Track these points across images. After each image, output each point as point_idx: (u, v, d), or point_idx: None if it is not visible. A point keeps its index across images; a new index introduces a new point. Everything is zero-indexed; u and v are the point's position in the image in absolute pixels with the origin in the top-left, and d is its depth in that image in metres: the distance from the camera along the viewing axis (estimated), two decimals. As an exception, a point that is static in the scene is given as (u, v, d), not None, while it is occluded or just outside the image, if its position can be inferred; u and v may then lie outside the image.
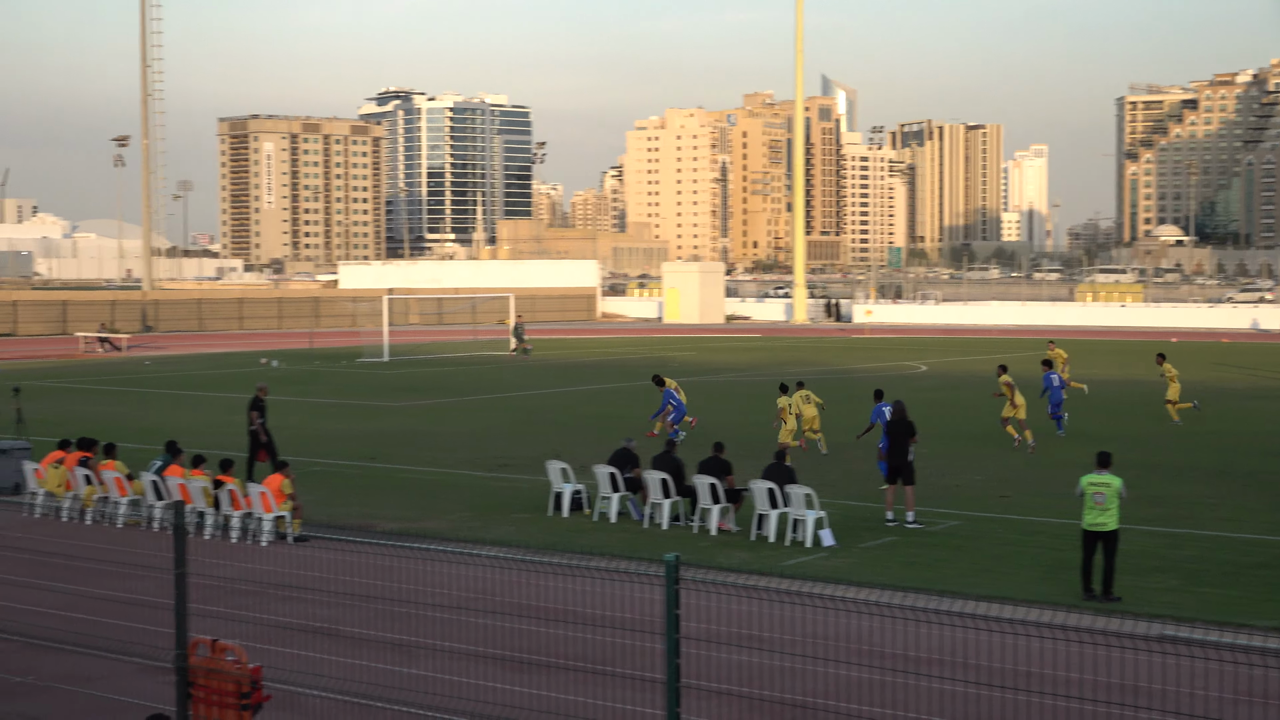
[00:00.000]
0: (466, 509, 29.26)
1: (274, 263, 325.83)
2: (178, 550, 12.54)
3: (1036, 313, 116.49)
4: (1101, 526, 21.01)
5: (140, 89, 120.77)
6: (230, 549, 24.93)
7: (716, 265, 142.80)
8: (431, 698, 15.44)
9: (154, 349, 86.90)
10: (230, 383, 61.40)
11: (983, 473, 33.82)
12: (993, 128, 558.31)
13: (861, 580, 21.16)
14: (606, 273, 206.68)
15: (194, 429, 42.51)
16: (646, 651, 16.59)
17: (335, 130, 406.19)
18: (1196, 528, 26.64)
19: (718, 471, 26.80)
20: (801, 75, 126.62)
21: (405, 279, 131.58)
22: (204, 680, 12.44)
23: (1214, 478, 32.72)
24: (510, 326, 79.43)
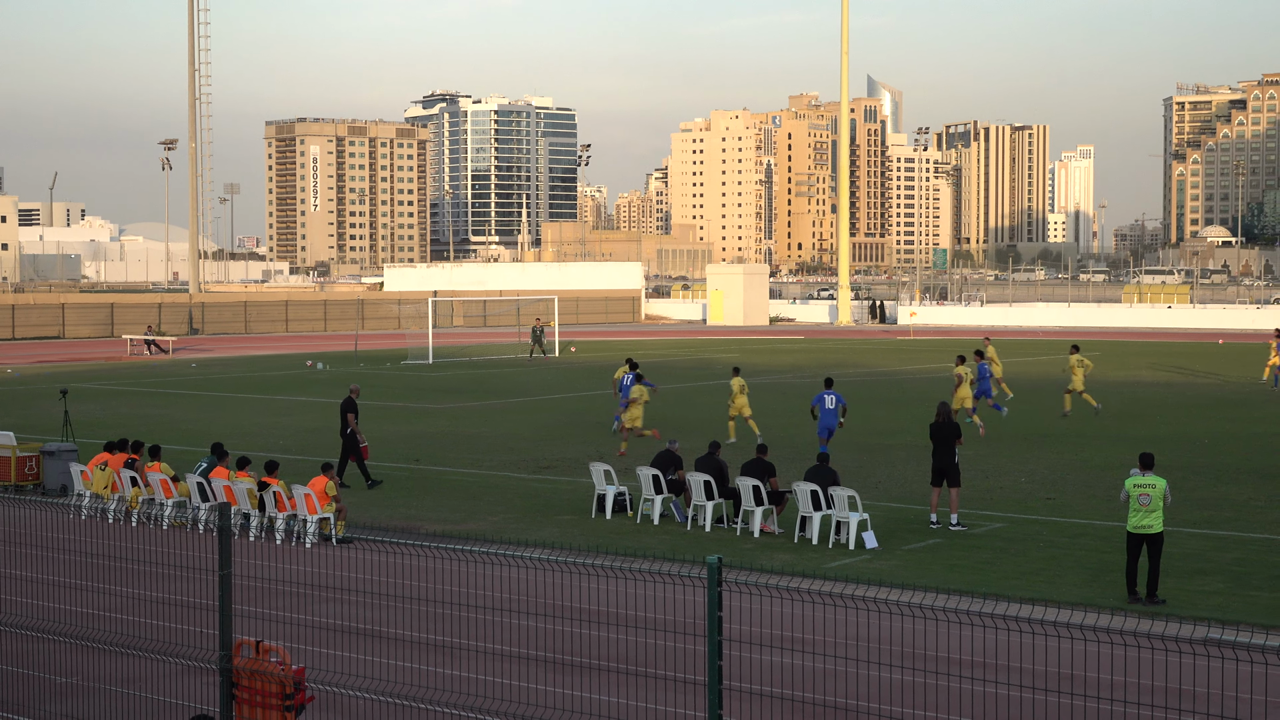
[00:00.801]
0: (510, 511, 29.30)
1: (319, 265, 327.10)
2: (222, 552, 12.60)
3: (1082, 314, 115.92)
4: (1146, 529, 20.88)
5: (188, 92, 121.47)
6: (274, 551, 25.03)
7: (761, 267, 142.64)
8: (473, 699, 15.46)
9: (200, 351, 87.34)
10: (275, 385, 61.66)
11: (1028, 474, 33.66)
12: (1039, 128, 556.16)
13: (905, 583, 21.07)
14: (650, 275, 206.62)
15: (239, 431, 42.72)
16: (689, 653, 16.59)
17: (381, 133, 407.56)
18: (1243, 530, 26.45)
19: (761, 473, 26.77)
20: (847, 77, 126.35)
21: (450, 281, 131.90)
22: (248, 681, 12.49)
23: (1262, 480, 32.48)
24: (531, 330, 78.99)
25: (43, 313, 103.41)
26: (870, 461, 35.91)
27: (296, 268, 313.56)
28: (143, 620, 19.39)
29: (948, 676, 15.90)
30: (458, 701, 15.35)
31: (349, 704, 15.81)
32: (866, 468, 34.57)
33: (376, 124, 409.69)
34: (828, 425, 36.25)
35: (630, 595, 19.08)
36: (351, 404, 33.20)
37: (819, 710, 15.58)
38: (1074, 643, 16.07)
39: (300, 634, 18.46)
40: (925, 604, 12.62)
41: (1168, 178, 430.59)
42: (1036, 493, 31.07)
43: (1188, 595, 21.10)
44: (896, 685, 16.00)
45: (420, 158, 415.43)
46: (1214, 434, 40.99)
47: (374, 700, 15.75)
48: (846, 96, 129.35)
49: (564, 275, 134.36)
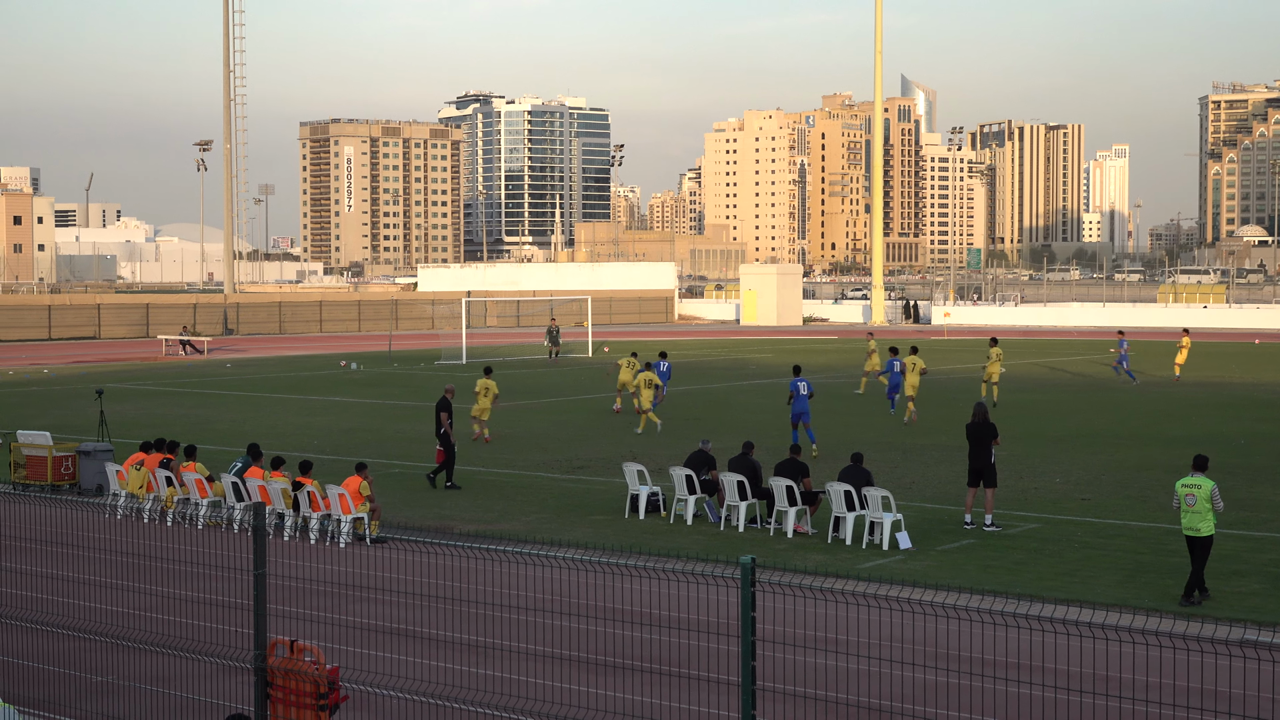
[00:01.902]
0: (543, 511, 29.33)
1: (353, 266, 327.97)
2: (257, 551, 12.64)
3: (1117, 314, 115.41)
4: (1194, 531, 20.75)
5: (223, 94, 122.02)
6: (309, 550, 25.11)
7: (794, 267, 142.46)
8: (507, 699, 15.48)
9: (235, 352, 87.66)
10: (310, 385, 61.84)
11: (1062, 475, 33.54)
12: (1074, 128, 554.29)
13: (939, 583, 21.02)
14: (684, 275, 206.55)
15: (274, 431, 42.86)
16: (722, 654, 16.58)
17: (415, 134, 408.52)
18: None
19: (794, 473, 26.74)
20: (880, 76, 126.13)
21: (483, 282, 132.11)
22: (282, 680, 12.53)
23: (1298, 481, 32.29)
24: (547, 330, 78.81)
25: (79, 313, 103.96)
26: (904, 462, 35.83)
27: (331, 268, 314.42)
28: (178, 619, 19.47)
29: (982, 677, 15.86)
30: (491, 701, 15.37)
31: (383, 703, 15.85)
32: (900, 468, 34.49)
33: (410, 124, 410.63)
34: (800, 410, 38.53)
35: (664, 595, 19.08)
36: (446, 404, 33.06)
37: (853, 711, 15.55)
38: (1109, 644, 16.01)
39: (334, 634, 18.51)
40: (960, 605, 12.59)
41: (1203, 177, 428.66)
42: (1071, 493, 30.95)
43: (1225, 596, 21.00)
44: (931, 686, 15.97)
45: (454, 158, 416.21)
46: (1250, 434, 40.78)
47: (408, 700, 15.77)
48: (880, 96, 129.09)
49: (597, 275, 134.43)
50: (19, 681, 16.17)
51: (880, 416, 46.69)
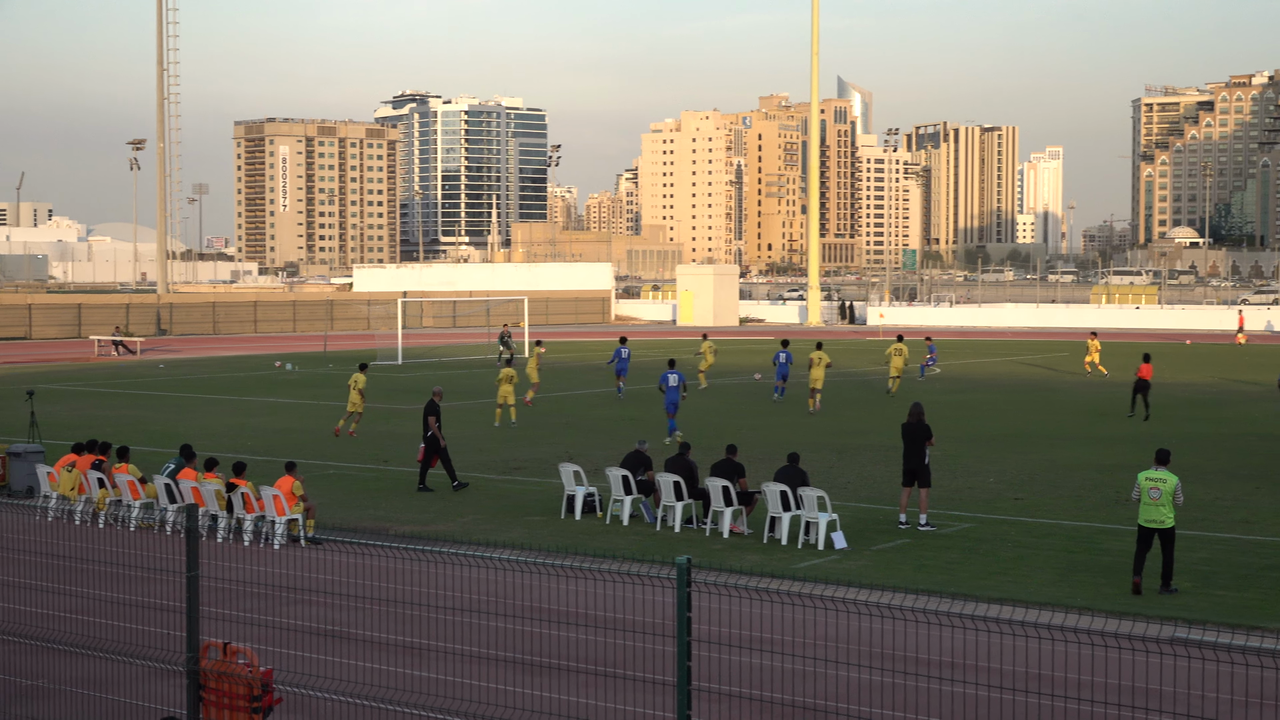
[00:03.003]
0: (479, 512, 29.27)
1: (288, 266, 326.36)
2: (190, 553, 12.55)
3: (1051, 315, 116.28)
4: (1159, 523, 21.28)
5: (156, 92, 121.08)
6: (243, 552, 24.96)
7: (731, 268, 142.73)
8: (443, 700, 15.44)
9: (168, 352, 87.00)
10: (244, 386, 61.48)
11: (996, 474, 33.76)
12: (1008, 129, 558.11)
13: (874, 583, 21.11)
14: (620, 275, 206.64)
15: (207, 432, 42.58)
16: (658, 654, 16.59)
17: (351, 133, 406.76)
18: (1209, 530, 26.58)
19: (730, 474, 26.79)
20: (817, 77, 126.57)
21: (420, 282, 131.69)
22: (215, 683, 12.46)
23: (1228, 480, 32.63)
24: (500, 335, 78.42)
25: (9, 313, 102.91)
26: (840, 462, 35.97)
27: (265, 268, 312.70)
28: (109, 622, 19.30)
29: (916, 676, 15.94)
30: (426, 703, 15.32)
31: (317, 706, 15.77)
32: (836, 468, 34.62)
33: (346, 124, 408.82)
34: (672, 400, 41.53)
35: (600, 596, 19.07)
36: (434, 407, 32.98)
37: (789, 710, 15.59)
38: (1042, 642, 16.12)
39: (268, 636, 18.41)
40: (894, 604, 12.65)
41: (1136, 179, 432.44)
42: (1005, 493, 31.16)
43: (1156, 595, 21.20)
44: (866, 685, 16.03)
45: (390, 158, 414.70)
46: (1181, 434, 41.16)
47: (342, 702, 15.70)
48: (816, 97, 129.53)
49: (534, 276, 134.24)
50: (-53, 686, 15.98)
51: (818, 419, 46.84)
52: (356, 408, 42.25)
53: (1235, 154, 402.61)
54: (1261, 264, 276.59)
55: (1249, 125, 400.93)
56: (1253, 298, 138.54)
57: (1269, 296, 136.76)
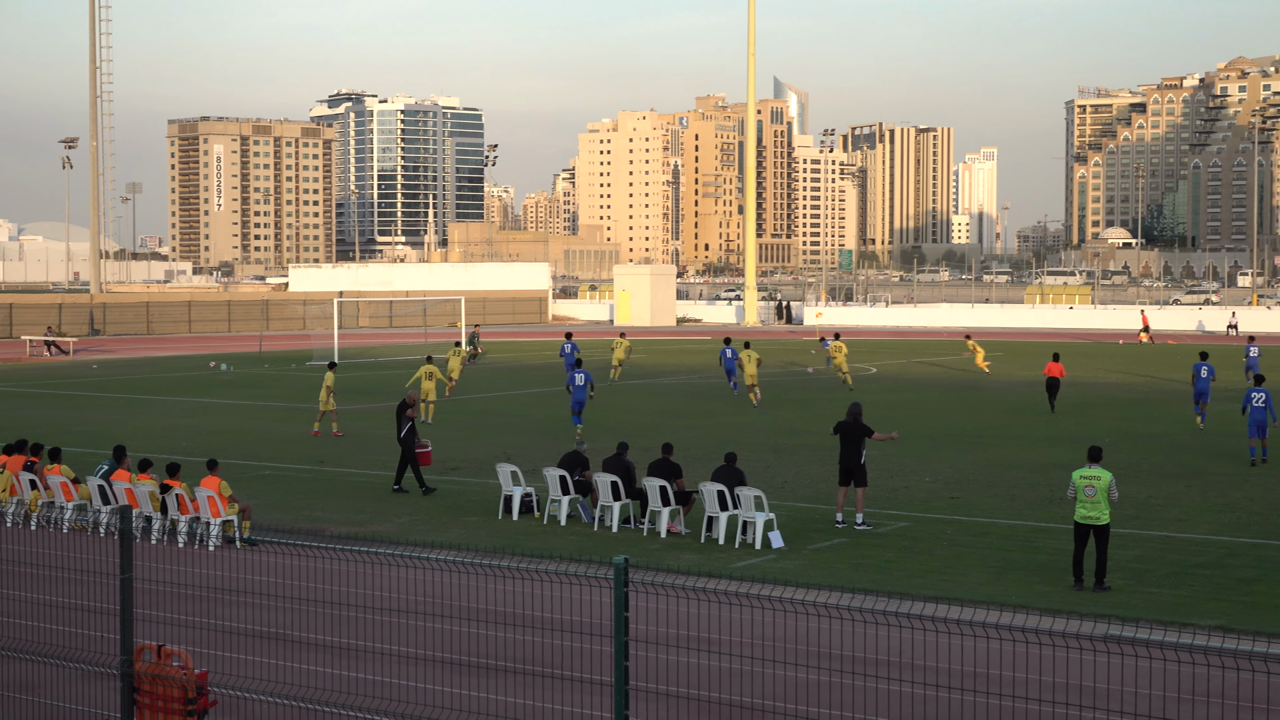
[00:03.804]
0: (416, 512, 29.18)
1: (223, 266, 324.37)
2: (124, 555, 12.46)
3: (986, 315, 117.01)
4: (1094, 520, 21.54)
5: (89, 90, 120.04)
6: (177, 554, 24.78)
7: (668, 268, 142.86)
8: (379, 702, 15.38)
9: (101, 352, 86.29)
10: (179, 386, 61.06)
11: (932, 474, 33.94)
12: (943, 130, 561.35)
13: (810, 582, 21.17)
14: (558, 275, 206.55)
15: (141, 433, 42.25)
16: (596, 654, 16.57)
17: (286, 132, 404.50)
18: (1142, 528, 26.82)
19: (667, 474, 26.81)
20: (753, 78, 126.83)
21: (356, 282, 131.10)
22: (149, 686, 12.37)
23: (1160, 479, 32.92)
24: (465, 333, 78.40)
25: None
26: (777, 462, 36.07)
27: (200, 268, 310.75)
28: (42, 625, 19.12)
29: (854, 675, 16.00)
30: (363, 705, 15.26)
31: (252, 708, 15.68)
32: (773, 468, 34.72)
33: (281, 123, 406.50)
34: (579, 400, 43.35)
35: (537, 596, 19.05)
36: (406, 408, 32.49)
37: (727, 710, 15.62)
38: (977, 640, 16.20)
39: (203, 638, 18.29)
40: (831, 603, 12.70)
41: (1069, 180, 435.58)
42: (941, 492, 31.33)
43: (1090, 593, 21.36)
44: (803, 684, 16.07)
45: (326, 157, 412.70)
46: (1114, 433, 41.50)
47: (278, 704, 15.62)
48: (753, 98, 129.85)
49: (471, 276, 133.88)
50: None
51: (755, 417, 47.01)
52: (327, 406, 42.53)
53: (1167, 155, 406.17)
54: (1193, 264, 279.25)
55: (1180, 127, 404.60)
56: (1185, 298, 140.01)
57: (1200, 297, 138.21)
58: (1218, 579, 22.49)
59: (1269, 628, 19.15)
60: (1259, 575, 22.79)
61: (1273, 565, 23.63)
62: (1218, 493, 31.09)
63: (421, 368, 46.06)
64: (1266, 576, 22.70)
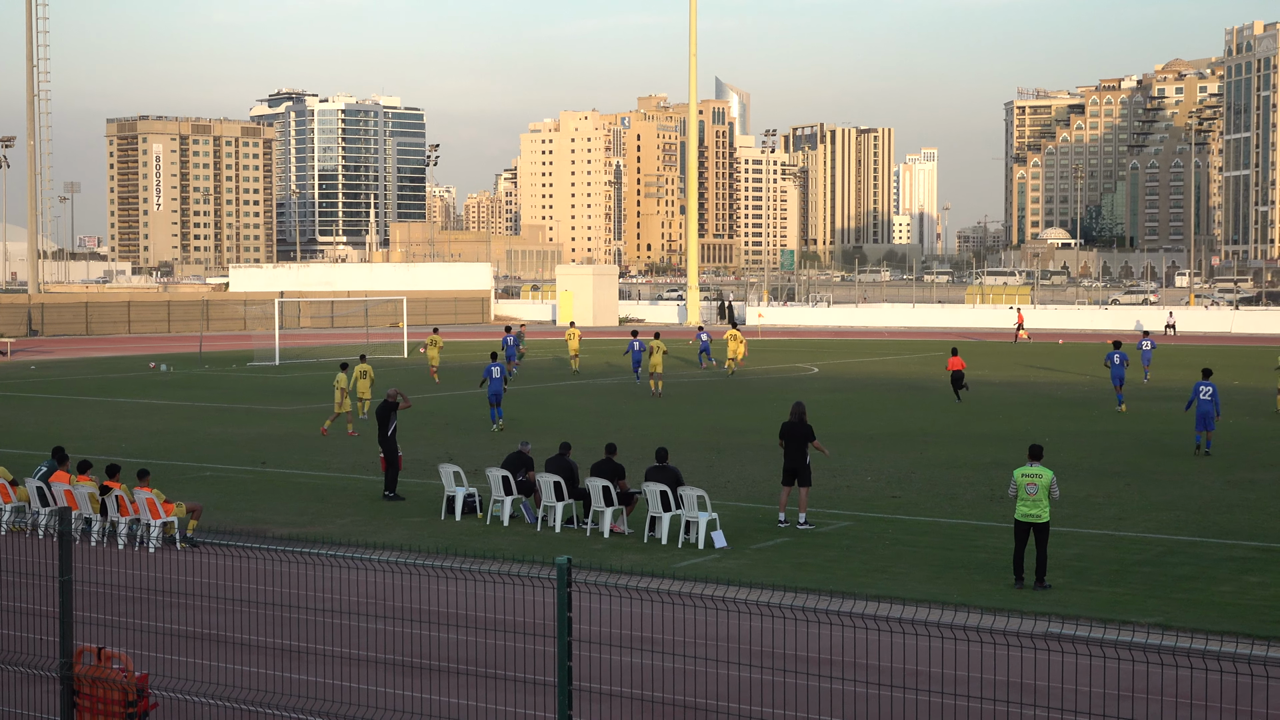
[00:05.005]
0: (358, 513, 29.09)
1: (163, 266, 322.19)
2: (63, 557, 12.37)
3: (927, 315, 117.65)
4: (1034, 518, 21.74)
5: (26, 89, 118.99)
6: (117, 556, 24.62)
7: (610, 268, 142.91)
8: (321, 703, 15.33)
9: (40, 353, 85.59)
10: (119, 387, 60.63)
11: (873, 473, 34.09)
12: (884, 131, 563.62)
13: (753, 581, 21.24)
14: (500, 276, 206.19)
15: (81, 434, 41.94)
16: (539, 654, 16.58)
17: (226, 132, 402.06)
18: (1081, 526, 27.02)
19: (610, 474, 26.83)
20: (695, 78, 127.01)
21: (297, 282, 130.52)
22: (89, 689, 12.30)
23: (1100, 477, 33.18)
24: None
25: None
26: (719, 461, 36.15)
27: (139, 268, 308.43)
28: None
29: (797, 674, 16.06)
30: (305, 706, 15.22)
31: (194, 710, 15.60)
32: (716, 467, 34.79)
33: (221, 122, 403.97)
34: (495, 392, 44.54)
35: (480, 597, 19.03)
36: (391, 408, 31.74)
37: (670, 710, 15.65)
38: (918, 639, 16.32)
39: (143, 640, 18.18)
40: (774, 602, 12.76)
41: (1009, 180, 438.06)
42: (882, 491, 31.48)
43: (1030, 590, 21.51)
44: (746, 683, 16.13)
45: (266, 157, 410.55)
46: (1054, 432, 41.80)
47: (219, 706, 15.55)
48: (694, 98, 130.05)
49: (413, 276, 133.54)
50: None
51: (697, 415, 47.10)
52: (342, 408, 43.01)
53: (1105, 156, 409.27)
54: (1131, 264, 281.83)
55: (1119, 128, 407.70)
56: (1123, 298, 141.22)
57: (1139, 297, 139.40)
58: (1156, 576, 22.69)
59: (1207, 625, 19.33)
60: (1197, 573, 23.00)
61: (1210, 562, 23.86)
62: (1157, 491, 31.35)
63: (356, 367, 45.90)
64: (1204, 574, 22.91)
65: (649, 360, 55.25)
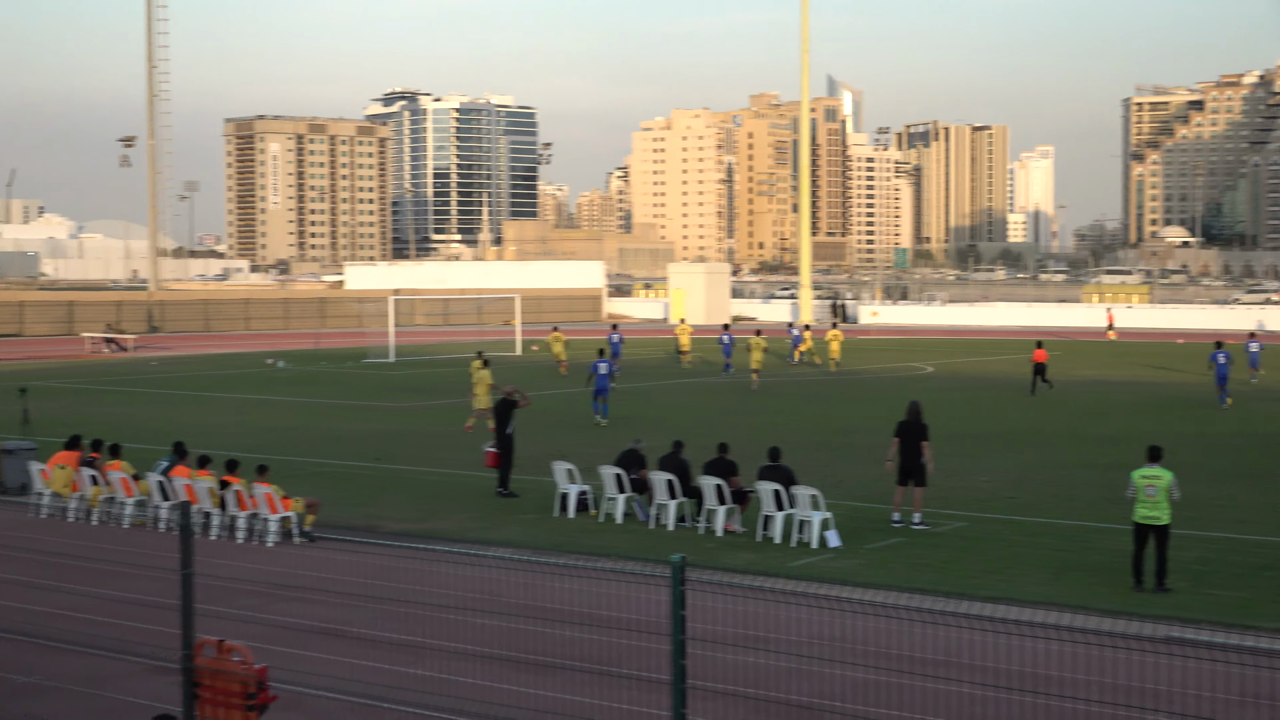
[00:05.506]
0: (472, 510, 29.25)
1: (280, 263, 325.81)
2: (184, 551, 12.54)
3: (1042, 314, 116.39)
4: (1154, 520, 21.48)
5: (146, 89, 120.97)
6: (236, 549, 24.94)
7: (722, 266, 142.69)
8: (436, 698, 15.43)
9: (160, 350, 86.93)
10: (236, 383, 61.44)
11: (989, 474, 33.78)
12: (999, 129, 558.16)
13: (867, 581, 21.13)
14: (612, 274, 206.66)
15: (200, 429, 42.53)
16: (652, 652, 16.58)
17: (341, 131, 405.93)
18: (1204, 529, 26.61)
19: (723, 472, 26.79)
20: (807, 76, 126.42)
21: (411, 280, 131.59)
22: (210, 681, 12.44)
23: (1220, 480, 32.67)
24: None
25: (1, 310, 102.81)
26: (833, 460, 35.99)
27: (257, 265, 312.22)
28: (104, 619, 19.30)
29: (910, 675, 15.95)
30: (420, 701, 15.32)
31: (312, 704, 15.76)
32: (829, 466, 34.64)
33: (337, 121, 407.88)
34: (602, 388, 45.68)
35: (594, 594, 19.07)
36: (511, 404, 31.93)
37: (783, 709, 15.59)
38: (1036, 641, 16.14)
39: (262, 633, 18.40)
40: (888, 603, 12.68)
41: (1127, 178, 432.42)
42: (998, 492, 31.19)
43: (1150, 594, 21.21)
44: (860, 684, 16.04)
45: (381, 155, 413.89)
46: (1171, 434, 41.18)
47: (337, 700, 15.71)
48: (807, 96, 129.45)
49: (525, 274, 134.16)
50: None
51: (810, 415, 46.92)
52: (480, 402, 42.88)
53: (1226, 153, 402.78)
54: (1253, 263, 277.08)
55: (1239, 125, 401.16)
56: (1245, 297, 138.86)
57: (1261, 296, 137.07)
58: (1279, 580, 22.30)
59: (1332, 630, 18.96)
60: (1321, 577, 22.57)
61: (1335, 567, 23.40)
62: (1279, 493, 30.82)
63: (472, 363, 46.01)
64: (1328, 578, 22.48)
65: (747, 356, 57.63)
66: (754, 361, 57.39)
